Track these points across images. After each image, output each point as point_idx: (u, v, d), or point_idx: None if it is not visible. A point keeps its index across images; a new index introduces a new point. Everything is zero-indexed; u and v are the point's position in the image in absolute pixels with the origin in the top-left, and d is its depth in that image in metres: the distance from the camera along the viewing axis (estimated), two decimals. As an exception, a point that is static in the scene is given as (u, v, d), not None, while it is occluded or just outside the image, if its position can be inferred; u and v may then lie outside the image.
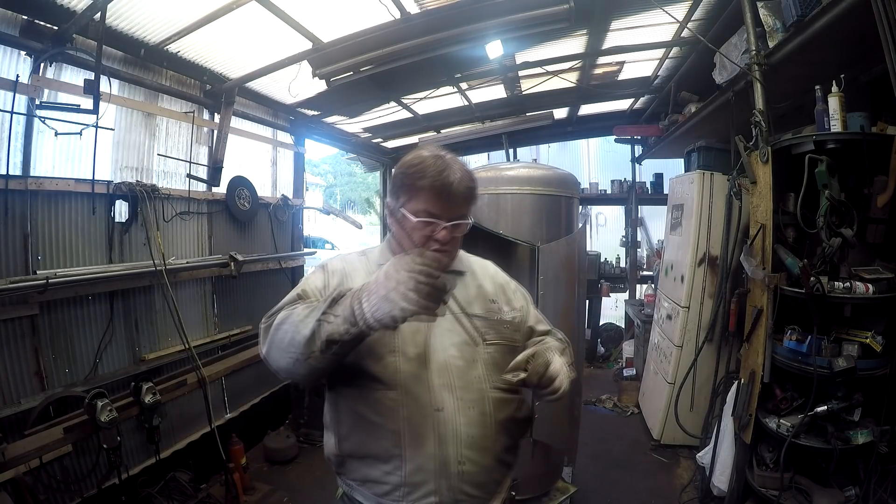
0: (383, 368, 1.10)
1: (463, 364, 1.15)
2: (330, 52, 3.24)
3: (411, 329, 1.11)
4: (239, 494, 3.17)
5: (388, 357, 1.11)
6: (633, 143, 6.30)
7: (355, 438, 1.14)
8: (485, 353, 1.18)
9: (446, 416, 1.10)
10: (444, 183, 1.11)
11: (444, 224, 1.12)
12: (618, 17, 3.49)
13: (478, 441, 1.12)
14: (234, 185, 3.80)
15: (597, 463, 3.59)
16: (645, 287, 5.97)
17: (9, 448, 2.10)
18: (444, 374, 1.13)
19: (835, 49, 2.30)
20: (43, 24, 2.43)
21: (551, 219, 2.64)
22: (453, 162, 1.15)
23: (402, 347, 1.12)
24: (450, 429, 1.10)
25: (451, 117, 5.51)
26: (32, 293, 2.34)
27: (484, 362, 1.17)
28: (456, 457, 1.09)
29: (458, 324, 1.19)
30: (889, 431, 2.10)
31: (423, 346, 1.13)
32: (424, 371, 1.12)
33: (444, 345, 1.15)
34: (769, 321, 2.39)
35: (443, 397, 1.11)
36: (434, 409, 1.10)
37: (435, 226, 1.12)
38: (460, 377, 1.13)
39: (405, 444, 1.09)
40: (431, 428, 1.09)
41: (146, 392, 2.71)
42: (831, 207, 2.16)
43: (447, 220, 1.12)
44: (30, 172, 2.45)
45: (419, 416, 1.09)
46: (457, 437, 1.10)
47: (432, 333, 1.15)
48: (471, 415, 1.12)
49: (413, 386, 1.10)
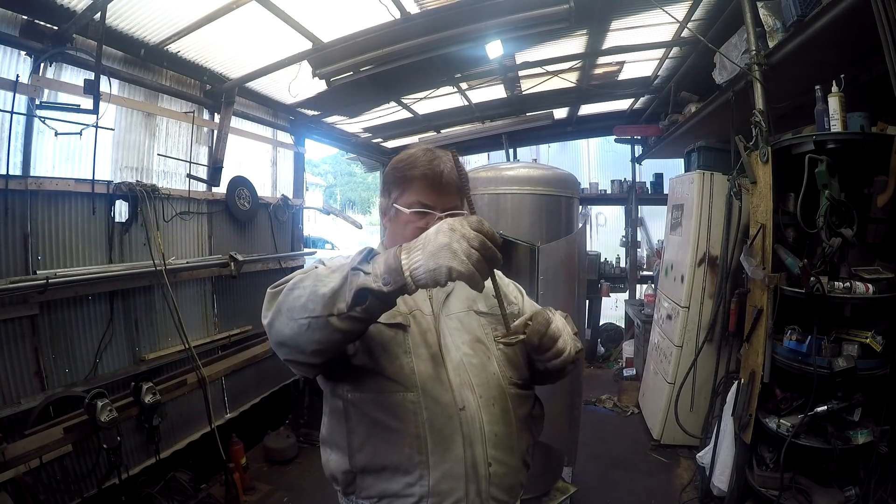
0: (399, 369, 1.05)
1: (478, 361, 1.11)
2: (330, 52, 3.24)
3: (420, 329, 1.09)
4: (239, 494, 3.17)
5: (404, 358, 1.06)
6: (633, 143, 6.30)
7: (370, 449, 1.05)
8: (496, 349, 1.14)
9: (471, 414, 1.05)
10: (435, 172, 1.08)
11: (439, 214, 1.08)
12: (618, 17, 3.49)
13: (503, 440, 1.08)
14: (234, 185, 3.80)
15: (597, 463, 3.59)
16: (645, 287, 5.98)
17: (9, 448, 2.10)
18: (461, 372, 1.09)
19: (835, 49, 2.30)
20: (43, 24, 2.43)
21: (551, 219, 2.64)
22: (443, 154, 1.12)
23: (414, 349, 1.08)
24: (476, 427, 1.05)
25: (451, 117, 5.51)
26: (32, 293, 2.34)
27: (496, 359, 1.14)
28: (484, 458, 1.04)
29: (467, 321, 1.16)
30: (889, 431, 2.10)
31: (437, 345, 1.09)
32: (442, 370, 1.07)
33: (457, 343, 1.12)
34: (769, 321, 2.39)
35: (464, 395, 1.06)
36: (458, 409, 1.04)
37: (429, 217, 1.08)
38: (477, 375, 1.10)
39: (429, 449, 1.02)
40: (457, 428, 1.03)
41: (146, 392, 2.71)
42: (831, 207, 2.16)
43: (441, 210, 1.09)
44: (30, 172, 2.45)
45: (443, 417, 1.03)
46: (483, 437, 1.05)
47: (443, 333, 1.11)
48: (494, 412, 1.08)
49: (432, 386, 1.05)
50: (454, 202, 1.11)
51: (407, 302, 1.11)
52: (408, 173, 1.11)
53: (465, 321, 1.16)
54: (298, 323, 0.88)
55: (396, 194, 1.13)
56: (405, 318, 1.10)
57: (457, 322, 1.15)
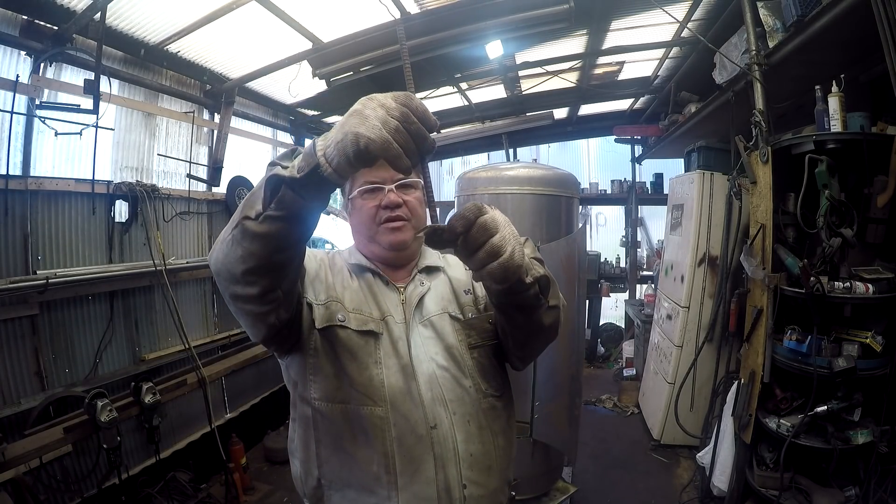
0: (369, 381, 0.97)
1: (451, 375, 1.02)
2: (330, 52, 3.24)
3: (392, 338, 1.01)
4: (239, 494, 3.17)
5: (373, 368, 0.98)
6: (633, 143, 6.30)
7: (336, 462, 0.99)
8: (470, 359, 1.05)
9: (443, 433, 0.97)
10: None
11: (389, 187, 1.03)
12: (618, 17, 3.49)
13: (480, 459, 1.00)
14: (234, 184, 3.80)
15: (597, 463, 3.59)
16: (645, 287, 5.97)
17: (9, 448, 2.10)
18: (433, 386, 1.00)
19: (835, 49, 2.30)
20: (43, 24, 2.44)
21: (551, 219, 2.64)
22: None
23: (385, 359, 0.99)
24: (449, 447, 0.97)
25: (451, 117, 5.51)
26: (32, 293, 2.34)
27: (470, 369, 1.05)
28: (458, 480, 0.97)
29: (441, 326, 1.06)
30: (889, 431, 2.10)
31: (408, 356, 1.01)
32: (413, 384, 0.99)
33: (430, 353, 1.03)
34: (769, 321, 2.39)
35: (436, 412, 0.98)
36: (429, 427, 0.96)
37: (379, 192, 1.03)
38: (451, 389, 1.01)
39: (398, 469, 0.95)
40: (429, 448, 0.96)
41: (146, 392, 2.71)
42: (831, 207, 2.16)
43: (391, 183, 1.03)
44: (30, 172, 2.45)
45: (413, 436, 0.96)
46: (457, 457, 0.97)
47: (414, 343, 1.03)
48: (469, 430, 1.00)
49: (402, 401, 0.97)
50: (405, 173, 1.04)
51: (381, 307, 1.04)
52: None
53: (438, 326, 1.06)
54: (224, 242, 0.80)
55: (349, 187, 1.07)
56: (377, 325, 1.02)
57: (430, 329, 1.05)
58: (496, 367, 1.10)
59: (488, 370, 1.07)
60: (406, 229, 1.05)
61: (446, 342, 1.05)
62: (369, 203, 1.04)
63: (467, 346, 1.06)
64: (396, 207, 1.03)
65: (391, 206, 1.03)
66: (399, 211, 1.03)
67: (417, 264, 1.14)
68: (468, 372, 1.04)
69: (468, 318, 1.09)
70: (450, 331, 1.06)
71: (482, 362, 1.07)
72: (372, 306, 1.04)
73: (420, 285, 1.10)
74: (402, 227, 1.04)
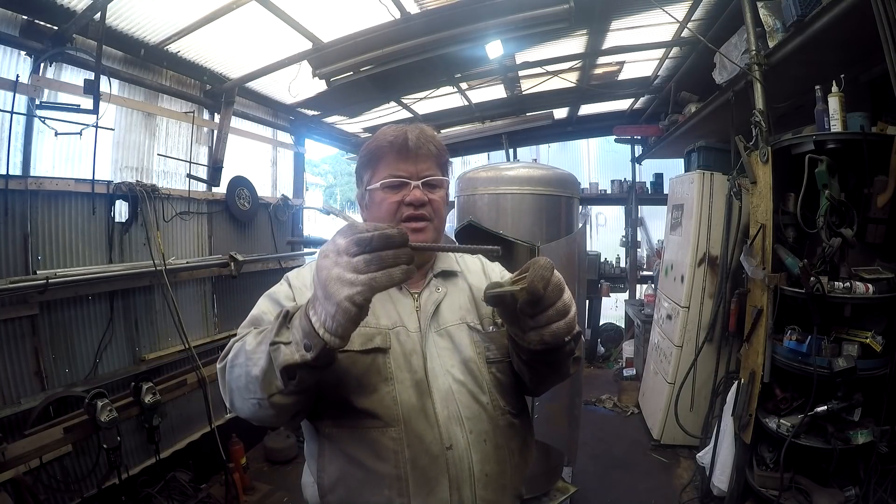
0: (379, 401, 0.91)
1: (468, 389, 0.96)
2: (330, 53, 3.24)
3: (404, 351, 0.95)
4: (239, 494, 3.17)
5: (383, 387, 0.92)
6: (633, 143, 6.30)
7: (343, 490, 0.92)
8: (488, 374, 1.00)
9: (459, 454, 0.92)
10: (403, 139, 0.98)
11: (415, 183, 0.98)
12: (618, 17, 3.49)
13: (495, 479, 0.95)
14: (234, 185, 3.80)
15: (597, 463, 3.59)
16: (645, 287, 5.98)
17: (9, 448, 2.10)
18: (449, 403, 0.94)
19: (835, 49, 2.30)
20: (43, 24, 2.43)
21: (551, 219, 2.64)
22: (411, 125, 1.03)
23: (396, 373, 0.93)
24: (465, 468, 0.92)
25: (451, 117, 5.51)
26: (32, 293, 2.34)
27: (488, 384, 0.99)
28: (473, 500, 0.92)
29: (459, 337, 1.00)
30: (889, 431, 2.10)
31: (422, 370, 0.95)
32: (428, 401, 0.93)
33: (446, 367, 0.97)
34: (769, 321, 2.39)
35: (452, 431, 0.92)
36: (445, 447, 0.91)
37: (404, 188, 0.98)
38: (467, 406, 0.95)
39: (411, 492, 0.89)
40: (444, 470, 0.90)
41: (146, 392, 2.71)
42: (831, 207, 2.16)
43: (416, 179, 0.99)
44: (30, 172, 2.45)
45: (427, 457, 0.90)
46: (472, 478, 0.92)
47: (429, 355, 0.96)
48: (485, 450, 0.94)
49: (416, 420, 0.91)
50: (430, 170, 1.01)
51: (390, 316, 0.98)
52: (373, 148, 1.01)
53: (456, 337, 1.00)
54: (250, 403, 0.81)
55: (368, 176, 1.03)
56: (384, 339, 0.95)
57: (447, 340, 1.00)
58: (513, 384, 1.03)
59: (506, 387, 1.01)
60: (428, 230, 1.00)
61: (463, 355, 0.99)
62: (391, 197, 0.98)
63: (485, 360, 1.00)
64: (421, 206, 0.98)
65: (415, 203, 0.98)
66: (423, 209, 0.99)
67: (433, 267, 1.08)
68: (486, 387, 0.98)
69: (488, 330, 1.03)
70: (468, 343, 1.00)
71: (500, 378, 1.01)
72: (380, 314, 0.98)
73: (436, 291, 1.04)
74: (424, 227, 1.00)
